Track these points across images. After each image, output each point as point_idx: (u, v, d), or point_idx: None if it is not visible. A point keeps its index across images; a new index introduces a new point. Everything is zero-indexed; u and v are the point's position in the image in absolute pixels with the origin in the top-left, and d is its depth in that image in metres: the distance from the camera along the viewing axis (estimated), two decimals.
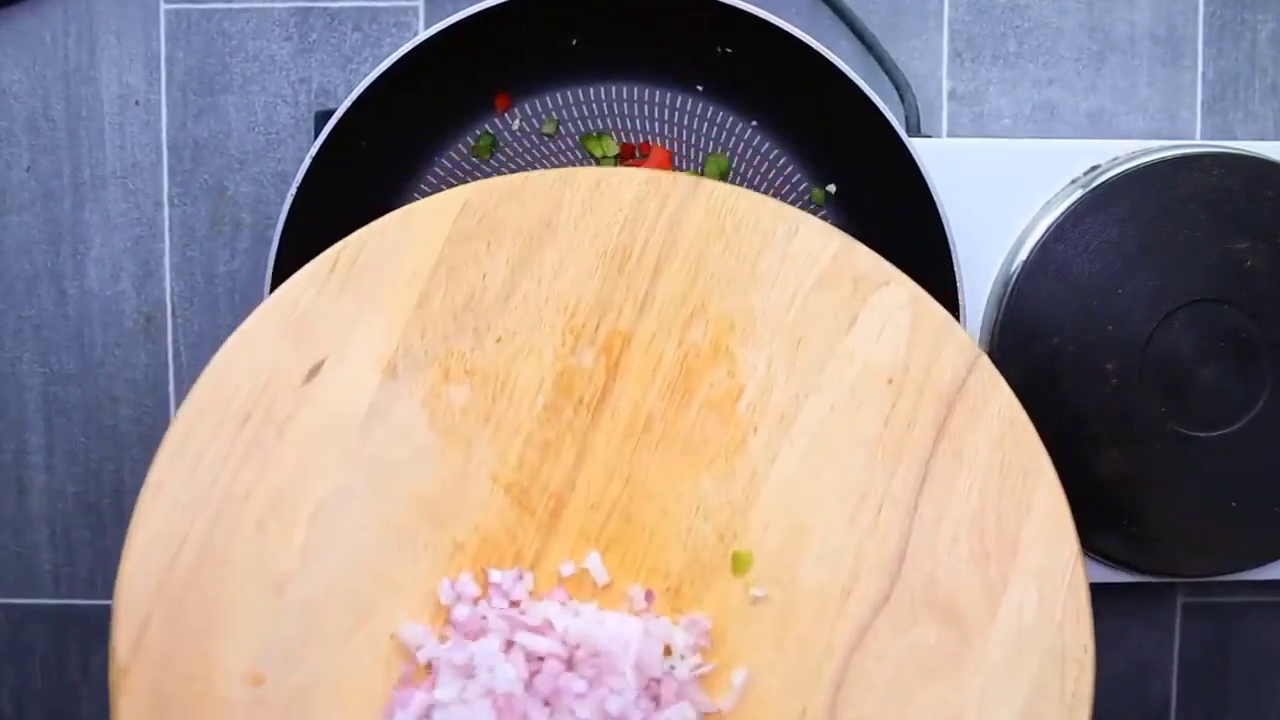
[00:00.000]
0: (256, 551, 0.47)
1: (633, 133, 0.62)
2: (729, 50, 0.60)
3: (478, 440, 0.48)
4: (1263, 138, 0.66)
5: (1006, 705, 0.47)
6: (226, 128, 0.65)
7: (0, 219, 0.65)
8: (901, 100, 0.63)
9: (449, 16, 0.56)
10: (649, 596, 0.47)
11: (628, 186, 0.49)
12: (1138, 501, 0.61)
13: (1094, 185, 0.60)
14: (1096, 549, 0.61)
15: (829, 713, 0.47)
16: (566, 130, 0.62)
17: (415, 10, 0.65)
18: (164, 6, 0.65)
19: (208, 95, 0.65)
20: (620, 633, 0.46)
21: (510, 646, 0.46)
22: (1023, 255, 0.60)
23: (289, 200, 0.57)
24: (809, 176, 0.62)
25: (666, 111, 0.62)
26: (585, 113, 0.62)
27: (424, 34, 0.56)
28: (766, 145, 0.62)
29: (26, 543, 0.66)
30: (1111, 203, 0.60)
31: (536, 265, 0.49)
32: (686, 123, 0.62)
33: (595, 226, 0.49)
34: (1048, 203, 0.61)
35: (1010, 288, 0.60)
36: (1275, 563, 0.62)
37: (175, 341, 0.66)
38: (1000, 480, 0.48)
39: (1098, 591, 0.66)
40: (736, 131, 0.62)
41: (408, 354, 0.48)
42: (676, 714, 0.46)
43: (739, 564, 0.48)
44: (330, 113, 0.56)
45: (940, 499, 0.48)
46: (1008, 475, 0.48)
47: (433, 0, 0.65)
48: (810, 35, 0.56)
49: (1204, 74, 0.66)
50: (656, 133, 0.62)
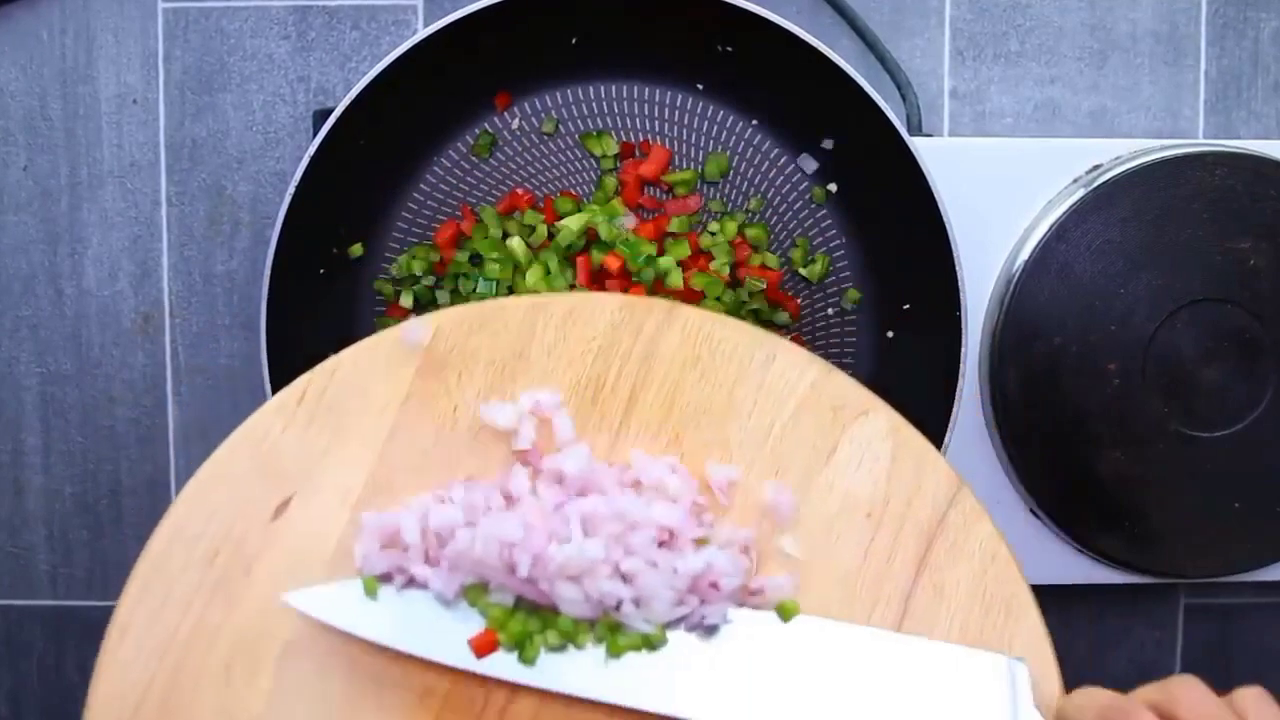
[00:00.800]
0: (222, 696, 0.45)
1: (632, 131, 0.62)
2: (729, 49, 0.59)
3: None
4: (1266, 137, 0.66)
5: None
6: (225, 127, 0.65)
7: None
8: (903, 99, 0.63)
9: (448, 15, 0.55)
10: None
11: (602, 313, 0.48)
12: (1140, 502, 0.61)
13: (1096, 184, 0.60)
14: (1098, 549, 0.61)
15: None
16: (566, 129, 0.62)
17: (414, 9, 0.65)
18: (162, 5, 0.64)
19: (206, 94, 0.65)
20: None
21: None
22: (1025, 255, 0.60)
23: (287, 199, 0.56)
24: (809, 176, 0.62)
25: (666, 110, 0.62)
26: (585, 111, 0.62)
27: (423, 32, 0.55)
28: (767, 144, 0.62)
29: (23, 543, 0.66)
30: (1114, 202, 0.60)
31: (508, 397, 0.47)
32: (687, 121, 0.62)
33: (569, 355, 0.48)
34: (1049, 202, 0.61)
35: (1012, 287, 0.60)
36: (1277, 563, 0.62)
37: (173, 341, 0.66)
38: (982, 616, 0.46)
39: (1100, 592, 0.67)
40: (737, 130, 0.62)
41: (376, 491, 0.47)
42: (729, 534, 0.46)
43: None
44: (329, 111, 0.56)
45: (920, 635, 0.46)
46: (989, 611, 0.46)
47: None
48: (811, 34, 0.55)
49: (1207, 73, 0.66)
50: (656, 131, 0.62)
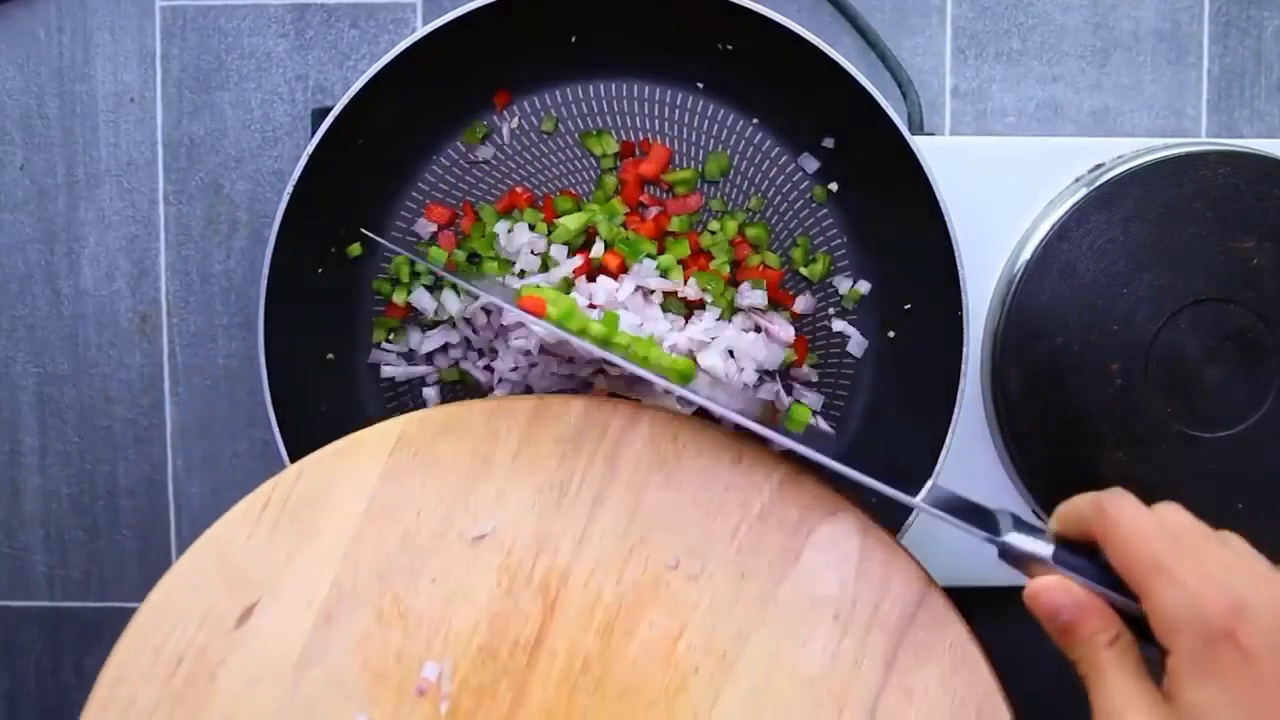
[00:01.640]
0: None
1: (632, 130, 0.62)
2: (730, 47, 0.59)
3: (411, 686, 0.47)
4: (1269, 135, 0.65)
5: None
6: (222, 125, 0.65)
7: None
8: (904, 98, 0.62)
9: (447, 13, 0.55)
10: None
11: (566, 415, 0.48)
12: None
13: (1098, 183, 0.60)
14: None
15: None
16: (566, 128, 0.62)
17: (413, 7, 0.65)
18: (159, 3, 0.64)
19: (203, 93, 0.65)
20: None
21: None
22: (1026, 254, 0.60)
23: (285, 199, 0.56)
24: (810, 175, 0.62)
25: (666, 109, 0.62)
26: (584, 110, 0.62)
27: (422, 31, 0.55)
28: (768, 143, 0.62)
29: (20, 544, 0.66)
30: (1116, 201, 0.59)
31: (473, 501, 0.47)
32: (687, 120, 0.62)
33: (533, 459, 0.48)
34: (1051, 201, 0.61)
35: (1014, 287, 0.60)
36: None
37: (170, 341, 0.65)
38: (952, 719, 0.46)
39: None
40: (737, 129, 0.62)
41: (341, 596, 0.47)
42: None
43: None
44: (327, 110, 0.56)
45: None
46: (960, 713, 0.46)
47: None
48: (812, 32, 0.55)
49: (1209, 71, 0.65)
50: (656, 130, 0.62)
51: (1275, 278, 0.60)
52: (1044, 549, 0.43)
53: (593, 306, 0.58)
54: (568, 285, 0.59)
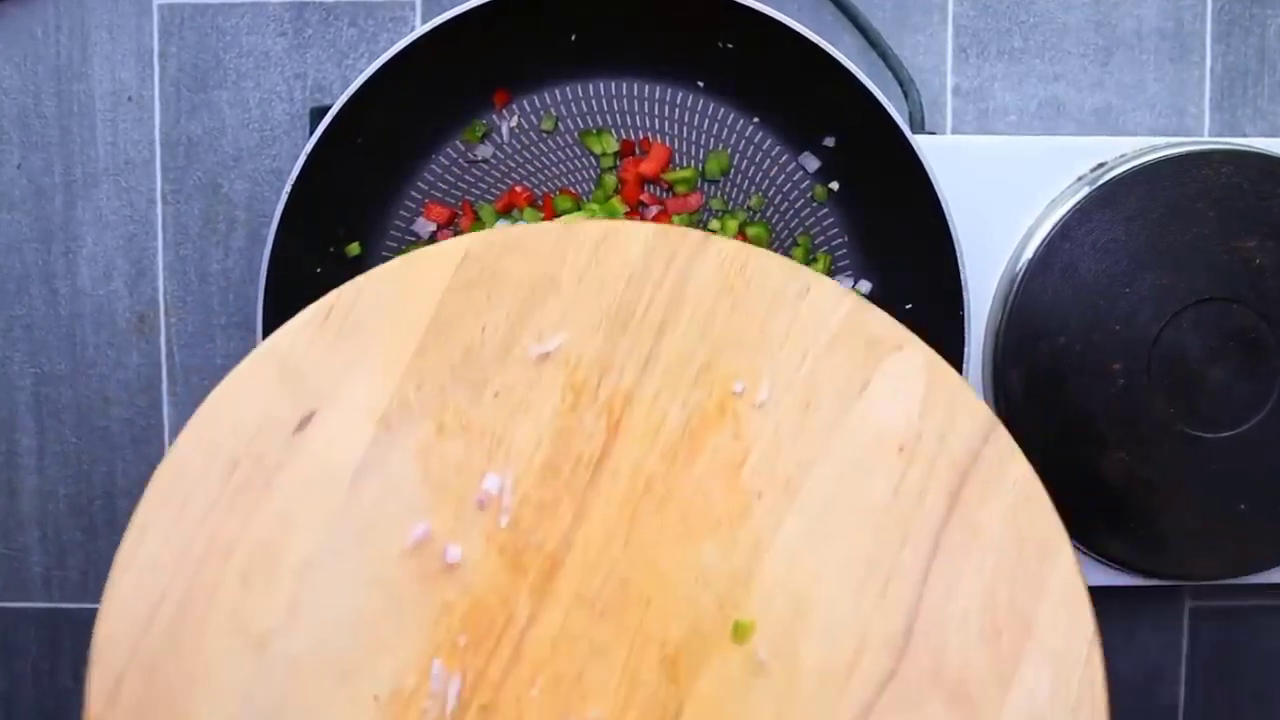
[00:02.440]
0: (239, 606, 0.45)
1: (633, 129, 0.62)
2: (730, 46, 0.59)
3: (471, 498, 0.47)
4: (1272, 135, 0.65)
5: None
6: (220, 124, 0.64)
7: None
8: (905, 96, 0.62)
9: (446, 11, 0.55)
10: None
11: (635, 241, 0.47)
12: (1145, 503, 0.60)
13: (1101, 183, 0.59)
14: (1103, 551, 0.61)
15: None
16: (566, 127, 0.62)
17: (412, 5, 0.64)
18: (157, 1, 0.64)
19: (201, 91, 0.64)
20: None
21: None
22: (1028, 254, 0.60)
23: (284, 198, 0.56)
24: (811, 174, 0.62)
25: (667, 108, 0.61)
26: (584, 109, 0.62)
27: (421, 29, 0.55)
28: (768, 142, 0.62)
29: (17, 545, 0.66)
30: (1118, 200, 0.59)
31: (538, 319, 0.47)
32: (687, 119, 0.62)
33: (600, 281, 0.47)
34: (1053, 200, 0.61)
35: (1016, 286, 0.59)
36: None
37: (168, 341, 0.65)
38: (1015, 556, 0.46)
39: (1104, 594, 0.66)
40: (738, 128, 0.62)
41: (402, 406, 0.46)
42: None
43: (740, 634, 0.46)
44: (326, 109, 0.56)
45: (951, 573, 0.45)
46: (1023, 551, 0.46)
47: None
48: (813, 30, 0.55)
49: (1212, 70, 0.65)
50: (657, 129, 0.62)
51: (1278, 277, 0.59)
52: None
53: None
54: None
